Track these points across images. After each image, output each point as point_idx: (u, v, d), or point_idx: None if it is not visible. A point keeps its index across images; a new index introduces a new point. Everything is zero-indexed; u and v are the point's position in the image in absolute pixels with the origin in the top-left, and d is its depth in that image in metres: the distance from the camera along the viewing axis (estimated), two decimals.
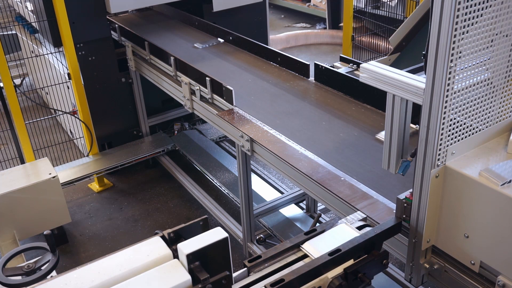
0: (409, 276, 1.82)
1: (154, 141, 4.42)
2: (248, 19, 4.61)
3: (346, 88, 2.94)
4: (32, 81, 5.95)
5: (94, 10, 3.85)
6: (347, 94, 2.93)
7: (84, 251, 3.63)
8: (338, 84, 2.98)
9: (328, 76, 3.04)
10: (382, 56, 5.06)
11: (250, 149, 2.61)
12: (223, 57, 3.60)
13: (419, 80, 1.59)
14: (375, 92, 2.63)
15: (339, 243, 1.63)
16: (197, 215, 3.91)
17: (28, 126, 3.96)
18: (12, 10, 5.36)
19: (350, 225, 1.79)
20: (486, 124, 1.64)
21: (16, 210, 3.09)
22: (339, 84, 2.98)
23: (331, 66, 3.09)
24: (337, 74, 2.98)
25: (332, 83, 3.02)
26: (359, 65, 3.08)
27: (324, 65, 3.06)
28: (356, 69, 3.12)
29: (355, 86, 2.85)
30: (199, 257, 1.35)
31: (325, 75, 3.07)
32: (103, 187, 4.32)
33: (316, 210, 3.51)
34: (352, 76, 2.91)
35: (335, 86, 3.01)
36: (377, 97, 2.70)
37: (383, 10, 5.72)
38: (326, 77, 3.06)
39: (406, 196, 1.72)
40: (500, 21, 1.49)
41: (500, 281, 1.52)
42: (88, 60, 3.97)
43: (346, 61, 3.21)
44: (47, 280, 1.36)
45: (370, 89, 2.64)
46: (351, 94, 2.90)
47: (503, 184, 1.45)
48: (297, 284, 1.51)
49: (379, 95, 2.64)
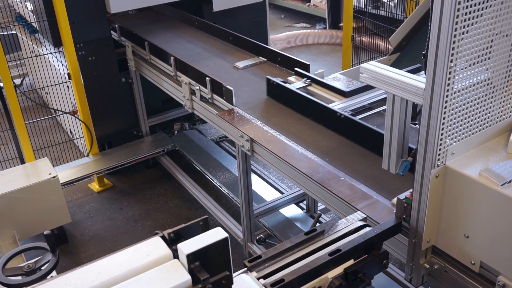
0: (409, 276, 1.82)
1: (154, 141, 4.42)
2: (248, 19, 4.61)
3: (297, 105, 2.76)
4: (32, 81, 5.95)
5: (94, 10, 3.85)
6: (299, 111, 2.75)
7: (84, 251, 3.63)
8: (290, 101, 2.81)
9: (280, 92, 2.88)
10: (382, 56, 5.06)
11: (250, 149, 2.61)
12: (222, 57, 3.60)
13: (419, 80, 1.59)
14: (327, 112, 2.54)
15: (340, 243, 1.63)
16: (197, 215, 3.91)
17: (28, 126, 3.96)
18: (12, 10, 5.36)
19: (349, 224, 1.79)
20: (486, 124, 1.64)
21: (16, 210, 3.09)
22: (290, 101, 2.80)
23: (283, 82, 2.89)
24: (288, 90, 2.80)
25: (284, 99, 2.85)
26: (313, 80, 2.91)
27: (276, 81, 2.87)
28: (309, 84, 2.92)
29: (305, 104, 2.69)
30: (199, 257, 1.35)
31: (277, 91, 2.90)
32: (103, 187, 4.32)
33: (316, 210, 3.51)
34: (302, 93, 2.73)
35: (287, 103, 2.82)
36: (329, 117, 2.55)
37: (383, 10, 5.72)
38: (278, 93, 2.90)
39: (406, 196, 1.72)
40: (500, 21, 1.49)
41: (500, 281, 1.52)
42: (88, 60, 3.97)
43: (301, 75, 3.01)
44: (47, 280, 1.35)
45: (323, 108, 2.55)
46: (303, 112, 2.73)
47: (503, 184, 1.45)
48: (297, 284, 1.51)
49: (330, 115, 2.52)
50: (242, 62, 3.45)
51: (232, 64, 3.45)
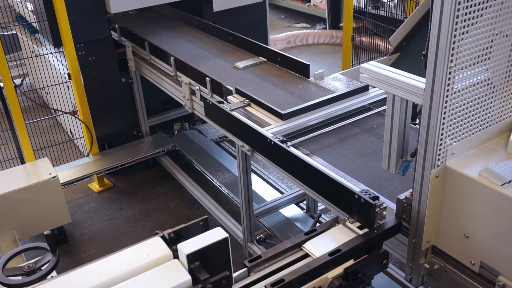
0: (409, 276, 1.82)
1: (154, 141, 4.42)
2: (248, 19, 4.61)
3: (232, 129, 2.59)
4: (32, 81, 5.95)
5: (94, 10, 3.85)
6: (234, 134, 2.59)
7: (84, 251, 3.63)
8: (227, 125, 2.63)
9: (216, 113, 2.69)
10: (382, 56, 5.06)
11: (250, 149, 2.61)
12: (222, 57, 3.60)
13: (419, 80, 1.59)
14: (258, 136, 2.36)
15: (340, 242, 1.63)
16: (197, 215, 3.91)
17: (28, 126, 3.96)
18: (12, 10, 5.37)
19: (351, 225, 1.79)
20: (486, 124, 1.64)
21: (16, 210, 3.09)
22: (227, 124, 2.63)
23: (219, 102, 2.65)
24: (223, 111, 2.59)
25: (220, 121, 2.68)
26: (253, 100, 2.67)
27: (212, 101, 2.66)
28: (248, 104, 2.69)
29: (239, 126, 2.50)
30: (199, 257, 1.35)
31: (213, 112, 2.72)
32: (103, 187, 4.32)
33: (316, 210, 3.51)
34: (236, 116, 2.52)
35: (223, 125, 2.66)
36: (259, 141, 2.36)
37: (383, 10, 5.72)
38: (214, 114, 2.72)
39: (406, 196, 1.72)
40: (500, 21, 1.49)
41: (500, 281, 1.52)
42: (88, 60, 3.97)
43: (242, 94, 2.78)
44: (47, 280, 1.36)
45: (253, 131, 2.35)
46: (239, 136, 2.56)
47: (503, 184, 1.45)
48: (297, 284, 1.51)
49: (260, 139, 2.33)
50: (242, 62, 3.44)
51: (232, 64, 3.45)
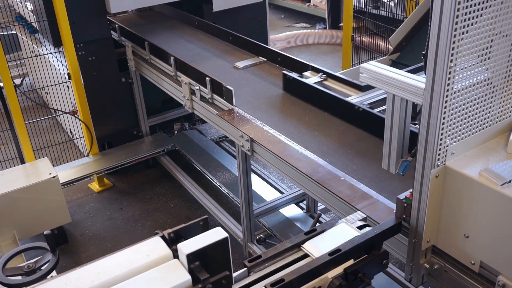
0: (409, 276, 1.82)
1: (154, 141, 4.42)
2: (248, 19, 4.61)
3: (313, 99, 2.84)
4: (32, 81, 5.95)
5: (94, 10, 3.85)
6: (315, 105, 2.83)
7: (84, 251, 3.63)
8: (306, 95, 2.89)
9: (297, 86, 2.95)
10: (382, 56, 5.06)
11: (250, 149, 2.61)
12: (222, 57, 3.60)
13: (419, 80, 1.59)
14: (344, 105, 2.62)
15: (340, 242, 1.63)
16: (197, 215, 3.91)
17: (28, 126, 3.96)
18: (12, 10, 5.36)
19: (350, 225, 1.79)
20: (486, 124, 1.64)
21: (16, 210, 3.09)
22: (307, 95, 2.89)
23: (299, 76, 3.00)
24: (305, 84, 2.89)
25: (300, 93, 2.93)
26: (329, 75, 3.01)
27: (292, 75, 2.98)
28: (325, 79, 3.01)
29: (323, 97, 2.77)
30: (199, 257, 1.35)
31: (294, 85, 2.98)
32: (103, 187, 4.32)
33: (316, 210, 3.51)
34: (319, 88, 2.82)
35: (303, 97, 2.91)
36: (345, 109, 2.63)
37: (383, 10, 5.72)
38: (295, 87, 2.97)
39: (406, 196, 1.72)
40: (500, 21, 1.49)
41: (500, 281, 1.52)
42: (88, 60, 3.97)
43: (316, 71, 3.09)
44: (47, 280, 1.36)
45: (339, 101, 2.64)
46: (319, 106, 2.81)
47: (503, 184, 1.45)
48: (297, 284, 1.51)
49: (346, 108, 2.61)
50: (242, 62, 3.45)
51: (232, 64, 3.45)
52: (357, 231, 1.74)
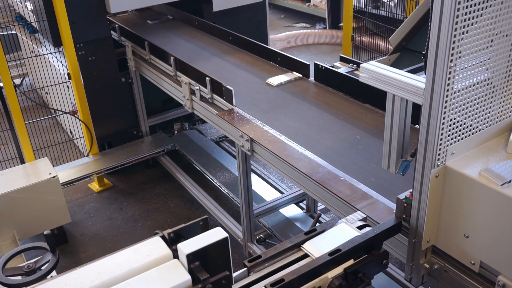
0: (409, 276, 1.82)
1: (154, 141, 4.42)
2: (248, 19, 4.61)
3: (346, 88, 2.94)
4: (32, 81, 5.94)
5: (94, 10, 3.85)
6: (347, 94, 2.93)
7: (84, 251, 3.63)
8: (338, 84, 2.99)
9: (328, 76, 3.05)
10: (382, 56, 5.06)
11: (250, 149, 2.61)
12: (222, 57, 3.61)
13: (419, 80, 1.59)
14: (375, 92, 2.63)
15: (340, 242, 1.63)
16: (197, 215, 3.91)
17: (28, 126, 3.96)
18: (12, 10, 5.36)
19: (350, 225, 1.79)
20: (486, 124, 1.64)
21: (16, 210, 3.09)
22: (339, 84, 2.99)
23: (331, 66, 3.10)
24: (337, 74, 2.99)
25: (332, 83, 3.03)
26: (359, 65, 3.08)
27: (324, 65, 3.06)
28: (356, 69, 3.12)
29: (355, 86, 2.85)
30: (199, 257, 1.35)
31: (325, 75, 3.07)
32: (103, 187, 4.32)
33: (316, 210, 3.51)
34: (352, 76, 2.91)
35: (335, 86, 3.02)
36: (377, 97, 2.70)
37: (383, 10, 5.72)
38: (326, 77, 3.07)
39: (406, 196, 1.72)
40: (500, 21, 1.49)
41: (500, 281, 1.52)
42: (88, 60, 3.97)
43: (346, 61, 3.22)
44: (47, 280, 1.36)
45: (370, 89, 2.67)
46: (351, 94, 2.91)
47: (503, 184, 1.45)
48: (297, 284, 1.51)
49: (379, 95, 2.64)
50: (242, 61, 3.45)
51: (231, 64, 3.45)
52: (357, 231, 1.74)
